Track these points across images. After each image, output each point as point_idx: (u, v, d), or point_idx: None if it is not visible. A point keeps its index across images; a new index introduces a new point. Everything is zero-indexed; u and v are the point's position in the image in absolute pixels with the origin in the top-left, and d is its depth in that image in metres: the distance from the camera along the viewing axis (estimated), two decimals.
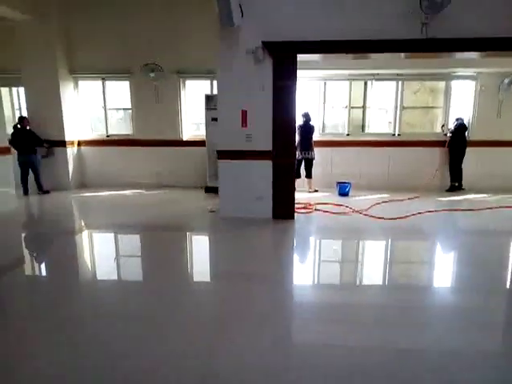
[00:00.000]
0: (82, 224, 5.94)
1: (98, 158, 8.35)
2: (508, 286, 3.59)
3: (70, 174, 8.06)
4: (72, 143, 8.08)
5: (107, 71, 7.94)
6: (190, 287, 3.60)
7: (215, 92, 7.83)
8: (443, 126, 7.90)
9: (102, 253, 4.60)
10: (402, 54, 5.99)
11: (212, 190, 7.73)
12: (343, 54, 5.30)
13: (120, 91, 8.34)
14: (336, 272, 4.13)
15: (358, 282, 3.81)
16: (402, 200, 6.94)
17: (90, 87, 8.26)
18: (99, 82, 8.11)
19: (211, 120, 7.46)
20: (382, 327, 2.75)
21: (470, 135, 7.66)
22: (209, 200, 7.11)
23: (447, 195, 7.45)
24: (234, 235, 5.08)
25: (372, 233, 5.22)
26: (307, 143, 7.39)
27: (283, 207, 5.66)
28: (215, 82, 7.93)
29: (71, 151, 8.07)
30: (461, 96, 7.82)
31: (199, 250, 4.89)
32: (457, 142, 7.54)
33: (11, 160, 6.18)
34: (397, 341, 2.56)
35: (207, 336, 2.62)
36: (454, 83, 7.74)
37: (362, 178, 7.87)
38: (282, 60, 5.21)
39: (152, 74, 7.62)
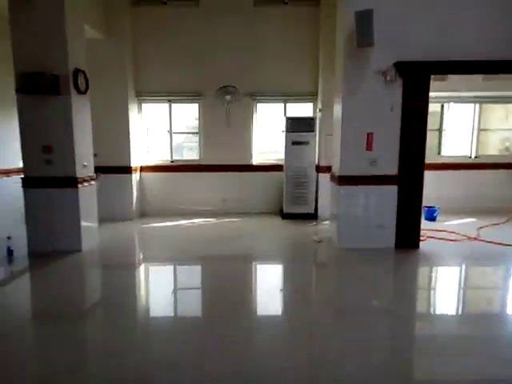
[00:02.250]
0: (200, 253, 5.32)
1: (160, 184, 7.78)
2: None
3: (134, 203, 7.44)
4: (136, 169, 7.51)
5: (175, 93, 7.51)
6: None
7: (291, 114, 7.52)
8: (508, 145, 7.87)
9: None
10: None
11: (290, 217, 7.30)
12: (474, 74, 5.12)
13: (184, 114, 7.92)
14: None
15: None
16: (498, 224, 6.72)
17: (153, 110, 7.78)
18: (165, 105, 7.65)
19: (292, 144, 7.14)
20: None
21: None
22: (296, 227, 6.69)
23: None
24: (367, 269, 4.64)
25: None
26: None
27: (408, 235, 5.28)
28: (289, 105, 7.67)
29: (135, 178, 7.49)
30: None
31: (337, 285, 4.41)
32: None
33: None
34: None
35: None
36: None
37: (442, 202, 7.60)
38: (414, 81, 4.97)
39: (228, 97, 7.25)
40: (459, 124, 7.89)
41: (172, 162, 7.83)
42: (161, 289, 4.22)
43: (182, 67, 7.39)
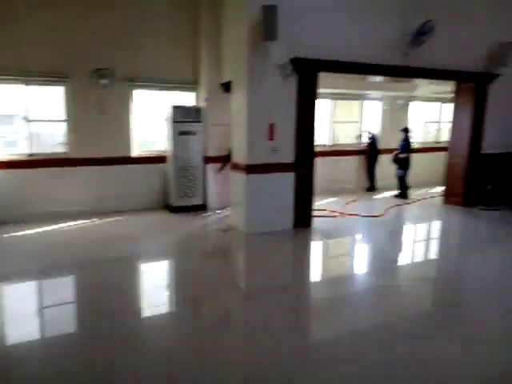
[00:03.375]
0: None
1: (14, 184, 6.29)
2: None
3: None
4: None
5: (34, 73, 6.18)
6: None
7: (177, 103, 7.16)
8: (360, 135, 9.57)
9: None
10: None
11: (179, 210, 7.06)
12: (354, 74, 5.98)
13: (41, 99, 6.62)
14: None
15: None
16: (354, 201, 8.13)
17: (2, 92, 6.22)
18: (20, 87, 6.21)
19: (179, 134, 6.89)
20: None
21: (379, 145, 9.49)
22: (191, 220, 6.55)
23: (373, 194, 9.08)
24: (278, 249, 5.10)
25: (381, 227, 6.17)
26: None
27: (303, 216, 5.88)
28: (173, 93, 7.32)
29: None
30: (370, 113, 9.68)
31: (257, 264, 4.63)
32: (371, 152, 9.29)
33: None
34: None
35: None
36: (366, 103, 9.52)
37: None
38: (306, 76, 5.49)
39: (104, 81, 6.41)
40: (320, 116, 9.06)
41: (31, 155, 6.47)
42: (23, 310, 3.43)
43: (42, 41, 6.13)
